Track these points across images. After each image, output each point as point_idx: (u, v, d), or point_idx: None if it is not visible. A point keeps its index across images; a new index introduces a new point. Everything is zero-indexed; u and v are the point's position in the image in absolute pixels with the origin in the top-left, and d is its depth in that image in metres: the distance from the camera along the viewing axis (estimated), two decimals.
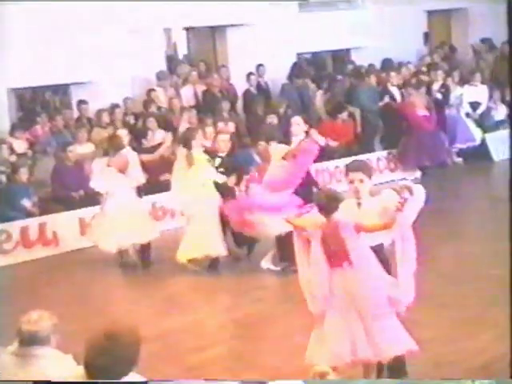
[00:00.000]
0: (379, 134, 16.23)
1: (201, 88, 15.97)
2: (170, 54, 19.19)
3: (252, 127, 14.81)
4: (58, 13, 13.86)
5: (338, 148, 15.04)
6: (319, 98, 16.18)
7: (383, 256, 6.31)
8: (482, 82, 17.00)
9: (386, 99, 16.14)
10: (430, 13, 19.75)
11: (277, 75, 16.77)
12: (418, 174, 15.66)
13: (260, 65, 16.54)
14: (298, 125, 10.34)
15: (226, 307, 9.52)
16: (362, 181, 6.33)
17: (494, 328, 7.77)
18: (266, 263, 10.34)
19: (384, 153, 15.82)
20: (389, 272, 6.25)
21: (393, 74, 16.65)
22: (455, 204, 13.76)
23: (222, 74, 16.42)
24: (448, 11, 20.22)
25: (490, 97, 17.05)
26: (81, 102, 14.66)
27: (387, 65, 17.66)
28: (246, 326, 8.59)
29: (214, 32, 17.50)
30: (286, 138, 10.55)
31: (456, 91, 16.73)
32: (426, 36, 19.86)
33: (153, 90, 15.19)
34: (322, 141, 10.99)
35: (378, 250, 6.26)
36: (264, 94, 16.29)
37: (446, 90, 16.53)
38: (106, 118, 14.19)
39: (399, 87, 16.39)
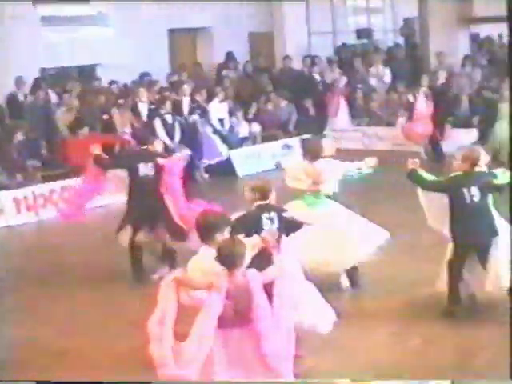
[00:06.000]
0: None
1: None
2: None
3: None
4: None
5: None
6: (60, 115, 15.89)
7: None
8: (224, 100, 17.43)
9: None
10: (174, 31, 20.04)
11: None
12: None
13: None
14: None
15: None
16: None
17: None
18: None
19: None
20: None
21: (142, 89, 16.70)
22: None
23: None
24: (193, 30, 20.64)
25: (234, 114, 17.52)
26: None
27: (141, 80, 17.70)
28: None
29: None
30: None
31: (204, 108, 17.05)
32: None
33: None
34: None
35: None
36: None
37: (197, 105, 16.76)
38: None
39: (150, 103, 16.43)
